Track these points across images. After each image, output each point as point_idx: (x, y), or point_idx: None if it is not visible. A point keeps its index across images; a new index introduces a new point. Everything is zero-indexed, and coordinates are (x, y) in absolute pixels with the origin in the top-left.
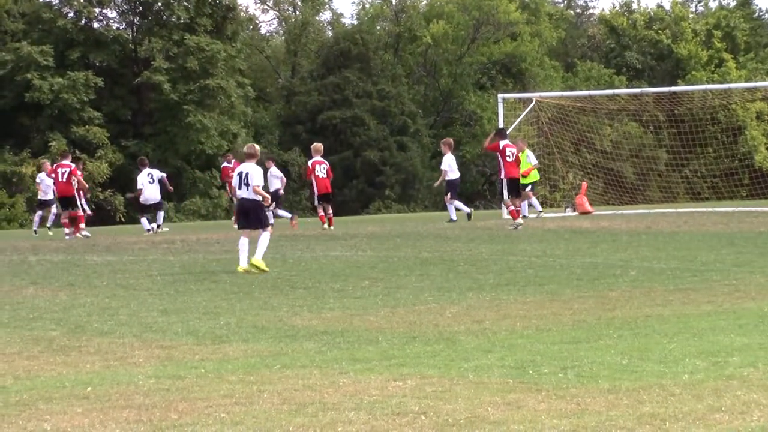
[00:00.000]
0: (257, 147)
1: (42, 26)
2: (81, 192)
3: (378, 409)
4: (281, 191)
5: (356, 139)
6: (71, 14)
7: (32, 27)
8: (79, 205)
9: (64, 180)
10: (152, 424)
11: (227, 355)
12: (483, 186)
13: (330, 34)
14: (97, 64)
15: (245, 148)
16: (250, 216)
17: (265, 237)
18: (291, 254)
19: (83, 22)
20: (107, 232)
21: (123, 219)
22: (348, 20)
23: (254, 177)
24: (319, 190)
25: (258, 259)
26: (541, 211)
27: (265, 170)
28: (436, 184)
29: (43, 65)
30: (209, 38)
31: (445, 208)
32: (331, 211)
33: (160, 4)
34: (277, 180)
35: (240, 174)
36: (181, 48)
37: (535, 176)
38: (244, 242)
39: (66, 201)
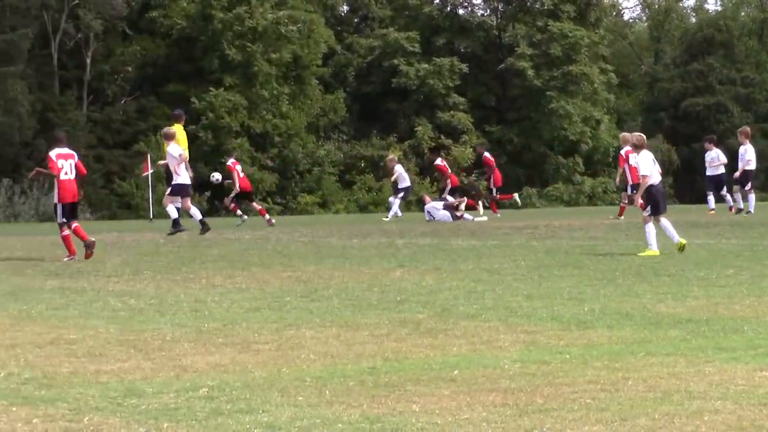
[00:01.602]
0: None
1: (408, 12)
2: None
3: (744, 399)
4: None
5: (719, 126)
6: (437, 1)
7: (399, 13)
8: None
9: None
10: (518, 407)
11: (592, 341)
12: None
13: (693, 20)
14: (462, 50)
15: (635, 139)
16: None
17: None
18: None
19: (449, 8)
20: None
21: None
22: (712, 6)
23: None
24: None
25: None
26: None
27: None
28: (737, 174)
29: (410, 51)
30: (572, 24)
31: None
32: None
33: None
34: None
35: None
36: (545, 34)
37: None
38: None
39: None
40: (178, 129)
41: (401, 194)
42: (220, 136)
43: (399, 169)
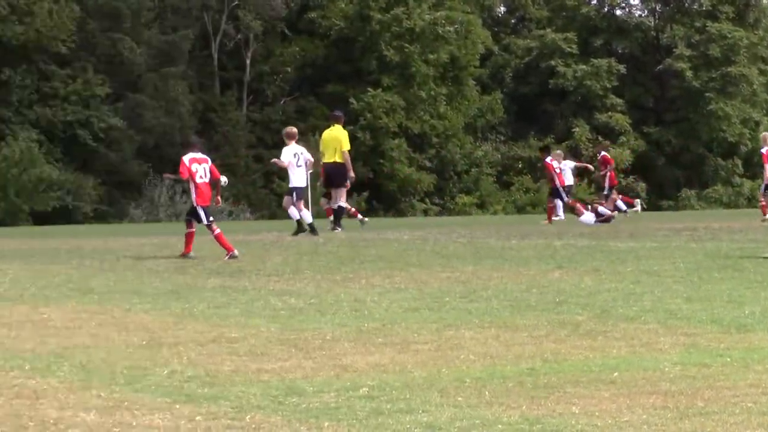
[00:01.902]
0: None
1: (566, 13)
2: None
3: None
4: None
5: None
6: (594, 1)
7: (556, 14)
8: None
9: None
10: (678, 410)
11: (752, 344)
12: None
13: None
14: (620, 51)
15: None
16: None
17: None
18: None
19: (606, 9)
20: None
21: (645, 206)
22: None
23: None
24: None
25: None
26: None
27: None
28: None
29: (567, 52)
30: (731, 25)
31: None
32: None
33: None
34: None
35: None
36: (703, 35)
37: None
38: None
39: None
40: (337, 130)
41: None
42: (378, 136)
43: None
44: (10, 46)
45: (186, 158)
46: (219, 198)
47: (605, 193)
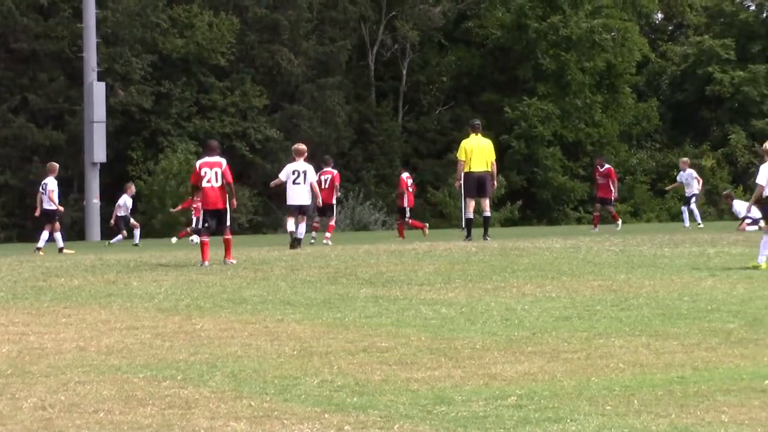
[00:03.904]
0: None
1: (723, 19)
2: None
3: None
4: None
5: None
6: (753, 7)
7: (714, 20)
8: None
9: None
10: None
11: None
12: None
13: None
14: None
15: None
16: None
17: None
18: None
19: (765, 14)
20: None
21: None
22: None
23: None
24: None
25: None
26: None
27: None
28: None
29: (724, 58)
30: None
31: None
32: None
33: None
34: None
35: None
36: None
37: None
38: None
39: None
40: (485, 139)
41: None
42: (533, 145)
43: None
44: (170, 60)
45: (199, 162)
46: (234, 201)
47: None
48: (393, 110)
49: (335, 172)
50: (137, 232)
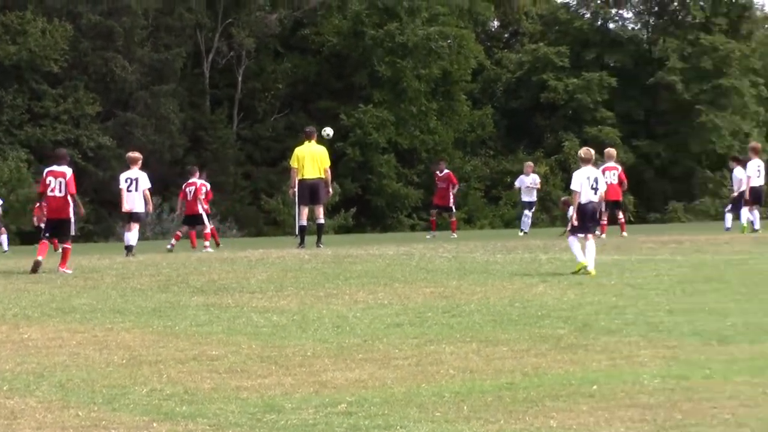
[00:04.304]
0: (592, 151)
1: (558, 27)
2: None
3: None
4: None
5: None
6: (587, 15)
7: (549, 28)
8: None
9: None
10: (656, 423)
11: (733, 356)
12: None
13: None
14: (611, 64)
15: (583, 153)
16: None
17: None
18: None
19: (599, 22)
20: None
21: (632, 219)
22: None
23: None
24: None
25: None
26: None
27: None
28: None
29: (559, 66)
30: (724, 37)
31: None
32: (622, 217)
33: (675, 4)
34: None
35: (588, 178)
36: (696, 47)
37: None
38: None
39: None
40: (318, 146)
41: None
42: (368, 152)
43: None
44: (2, 66)
45: (45, 171)
46: (81, 210)
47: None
48: (228, 118)
49: (199, 182)
50: (4, 237)
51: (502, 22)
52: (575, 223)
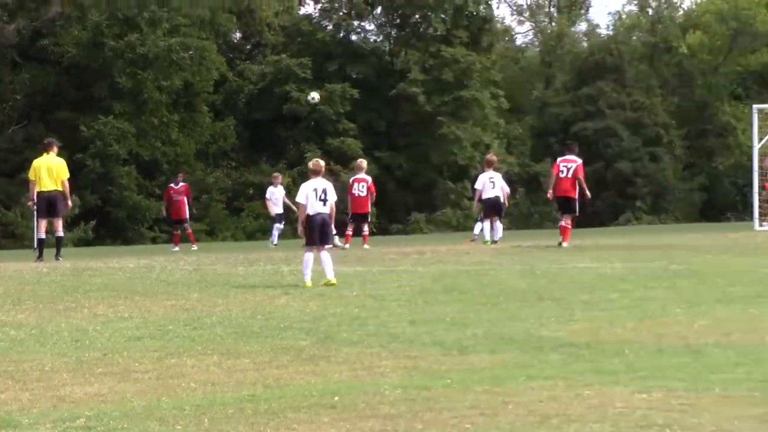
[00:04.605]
0: (322, 162)
1: (301, 39)
2: None
3: (622, 422)
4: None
5: (608, 151)
6: (330, 27)
7: (291, 40)
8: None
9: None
10: None
11: (473, 365)
12: (735, 197)
13: (585, 45)
14: (354, 76)
15: (312, 164)
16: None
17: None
18: (539, 265)
19: (341, 34)
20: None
21: (375, 230)
22: (604, 31)
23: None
24: (353, 209)
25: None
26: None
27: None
28: (476, 208)
29: (301, 77)
30: (465, 50)
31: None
32: (366, 230)
33: (417, 16)
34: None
35: (315, 190)
36: (437, 60)
37: None
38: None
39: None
40: (55, 158)
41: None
42: (108, 163)
43: None
44: None
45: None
46: None
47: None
48: None
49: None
50: None
51: (245, 33)
52: (302, 235)
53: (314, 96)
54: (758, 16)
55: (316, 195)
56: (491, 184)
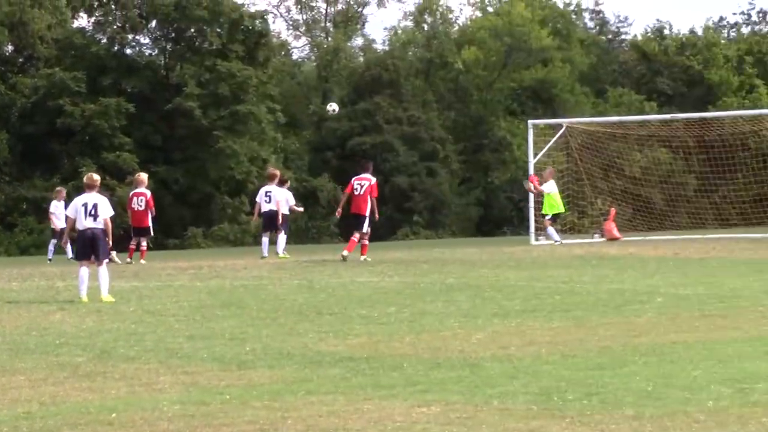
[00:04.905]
0: (96, 177)
1: (75, 52)
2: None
3: None
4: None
5: (386, 165)
6: (104, 40)
7: (65, 53)
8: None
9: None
10: None
11: (252, 381)
12: (511, 212)
13: (361, 60)
14: (129, 90)
15: (86, 179)
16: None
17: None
18: (318, 280)
19: (116, 48)
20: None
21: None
22: (380, 46)
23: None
24: (132, 223)
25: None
26: (558, 242)
27: None
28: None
29: (75, 91)
30: (241, 64)
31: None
32: (144, 245)
33: (192, 30)
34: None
35: (85, 204)
36: (213, 74)
37: (554, 206)
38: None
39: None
40: None
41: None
42: None
43: None
44: None
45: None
46: None
47: None
48: None
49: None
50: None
51: (17, 46)
52: (64, 246)
53: (334, 107)
54: (532, 33)
55: (86, 210)
56: (267, 198)
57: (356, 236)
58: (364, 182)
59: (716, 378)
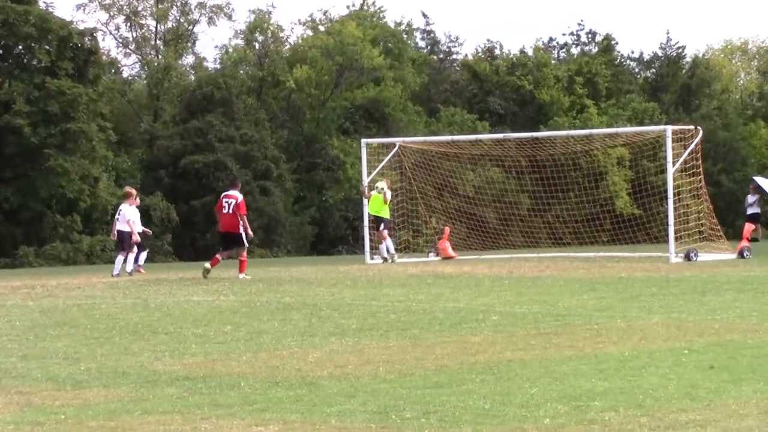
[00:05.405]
0: None
1: None
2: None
3: None
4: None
5: (219, 184)
6: None
7: None
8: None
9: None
10: None
11: (87, 400)
12: (346, 231)
13: (192, 78)
14: None
15: None
16: None
17: None
18: (153, 299)
19: None
20: None
21: None
22: (211, 64)
23: None
24: None
25: None
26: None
27: None
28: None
29: None
30: (71, 82)
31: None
32: None
33: (20, 47)
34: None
35: None
36: (42, 91)
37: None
38: None
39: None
40: None
41: None
42: None
43: None
44: None
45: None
46: None
47: None
48: None
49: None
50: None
51: None
52: None
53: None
54: (364, 52)
55: None
56: (118, 217)
57: (244, 255)
58: (232, 200)
59: (553, 395)
